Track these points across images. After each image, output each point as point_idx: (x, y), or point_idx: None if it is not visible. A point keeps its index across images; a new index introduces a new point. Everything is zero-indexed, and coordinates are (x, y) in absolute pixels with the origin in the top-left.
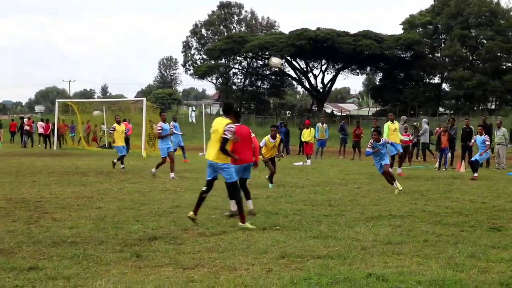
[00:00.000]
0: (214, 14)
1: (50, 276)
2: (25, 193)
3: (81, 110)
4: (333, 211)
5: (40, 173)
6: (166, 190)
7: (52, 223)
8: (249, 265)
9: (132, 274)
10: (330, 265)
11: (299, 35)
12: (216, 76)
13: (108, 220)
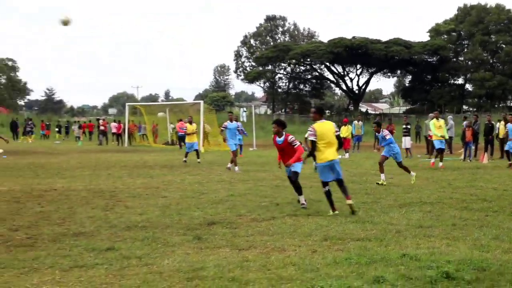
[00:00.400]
0: (262, 26)
1: (124, 256)
2: (101, 184)
3: (147, 112)
4: (369, 199)
5: (114, 167)
6: (222, 181)
7: (125, 210)
8: (296, 247)
9: (194, 254)
10: (368, 246)
11: (336, 43)
12: (264, 81)
13: (172, 208)
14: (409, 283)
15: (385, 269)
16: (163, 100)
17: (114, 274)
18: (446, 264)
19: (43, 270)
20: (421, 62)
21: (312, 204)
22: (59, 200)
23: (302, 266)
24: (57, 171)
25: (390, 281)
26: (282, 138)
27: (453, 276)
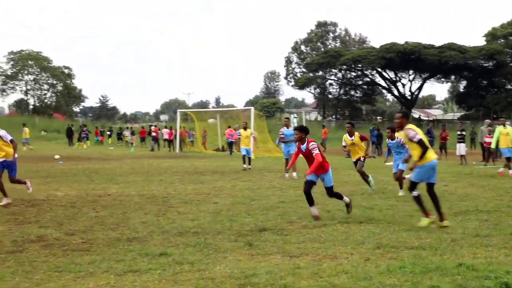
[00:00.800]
0: (312, 32)
1: (177, 261)
2: (154, 190)
3: (198, 118)
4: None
5: (166, 172)
6: (273, 187)
7: (177, 215)
8: (348, 254)
9: (246, 261)
10: (422, 255)
11: (388, 48)
12: (314, 87)
13: (223, 214)
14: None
15: (440, 278)
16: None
17: (167, 279)
18: (505, 274)
19: (98, 274)
20: (476, 67)
21: (364, 211)
22: (113, 205)
23: (355, 275)
24: (111, 176)
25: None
26: (305, 145)
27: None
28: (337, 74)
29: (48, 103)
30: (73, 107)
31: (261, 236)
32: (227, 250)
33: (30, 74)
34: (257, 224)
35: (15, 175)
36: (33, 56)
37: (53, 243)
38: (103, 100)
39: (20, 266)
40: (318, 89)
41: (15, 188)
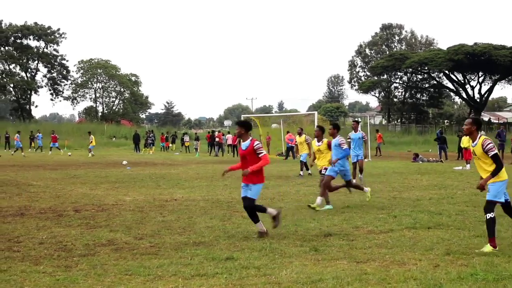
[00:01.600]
0: (377, 35)
1: (243, 266)
2: (219, 195)
3: (261, 123)
4: (496, 213)
5: (230, 177)
6: (337, 193)
7: (242, 220)
8: (417, 261)
9: (312, 266)
10: (495, 262)
11: (456, 50)
12: (379, 90)
13: (288, 218)
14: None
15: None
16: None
17: (234, 284)
18: None
19: (167, 278)
20: None
21: (433, 216)
22: (179, 210)
23: (424, 281)
24: (176, 181)
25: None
26: (247, 143)
27: None
28: (403, 77)
29: (116, 110)
30: (139, 113)
31: (327, 241)
32: (293, 255)
33: (99, 82)
34: (322, 229)
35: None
36: (101, 65)
37: (123, 246)
38: (169, 106)
39: (92, 269)
40: (382, 92)
41: (87, 194)
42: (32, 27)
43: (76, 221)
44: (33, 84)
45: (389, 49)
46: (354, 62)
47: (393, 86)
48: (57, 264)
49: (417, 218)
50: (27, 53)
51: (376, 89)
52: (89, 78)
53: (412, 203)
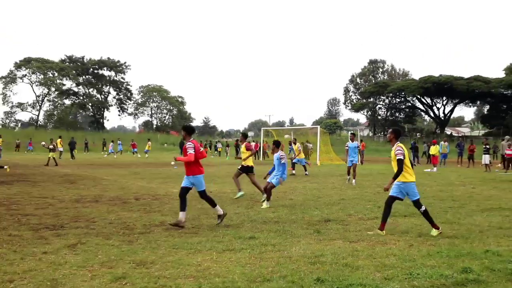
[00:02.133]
0: (365, 68)
1: (262, 243)
2: (244, 189)
3: (277, 134)
4: (455, 204)
5: None
6: (335, 188)
7: (261, 209)
8: (396, 241)
9: (315, 244)
10: (456, 243)
11: (426, 80)
12: (367, 110)
13: (297, 207)
14: (492, 274)
15: (471, 262)
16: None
17: (255, 257)
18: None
19: (204, 252)
20: (498, 94)
21: (408, 207)
22: None
23: (401, 257)
24: (212, 178)
25: (476, 272)
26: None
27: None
28: (385, 100)
29: (167, 123)
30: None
31: (327, 225)
32: (300, 235)
33: (154, 102)
34: (323, 216)
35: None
36: (156, 89)
37: (172, 227)
38: (206, 120)
39: (148, 244)
40: (369, 111)
41: (145, 186)
42: (106, 61)
43: (136, 207)
44: (106, 103)
45: (375, 78)
46: (348, 88)
47: (378, 107)
48: (122, 239)
49: (396, 208)
50: (102, 80)
51: (364, 109)
52: (147, 99)
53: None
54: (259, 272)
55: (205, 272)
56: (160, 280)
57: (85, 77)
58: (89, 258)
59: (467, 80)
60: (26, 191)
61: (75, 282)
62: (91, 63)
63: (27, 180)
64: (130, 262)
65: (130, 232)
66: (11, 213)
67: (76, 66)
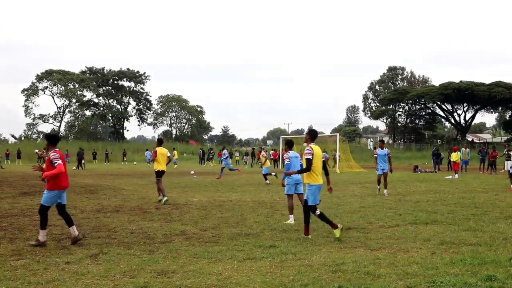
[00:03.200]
0: (385, 75)
1: (283, 252)
2: (263, 197)
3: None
4: (478, 211)
5: (272, 184)
6: (355, 196)
7: (282, 217)
8: (418, 249)
9: (336, 252)
10: (479, 250)
11: (446, 86)
12: (386, 117)
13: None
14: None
15: (495, 269)
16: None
17: (276, 266)
18: None
19: (225, 260)
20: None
21: (430, 215)
22: (234, 209)
23: (424, 265)
24: (231, 187)
25: (501, 280)
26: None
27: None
28: (405, 107)
29: (186, 133)
30: (203, 135)
31: (347, 233)
32: (321, 244)
33: (173, 112)
34: (344, 224)
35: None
36: (175, 99)
37: (192, 236)
38: (225, 130)
39: (169, 253)
40: (389, 119)
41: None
42: (126, 72)
43: (157, 216)
44: (126, 114)
45: (394, 85)
46: (367, 95)
47: (397, 114)
48: (143, 248)
49: (418, 216)
50: (122, 91)
51: (384, 116)
52: (166, 109)
53: (413, 204)
54: (280, 281)
55: (226, 281)
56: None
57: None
58: (111, 268)
59: (488, 86)
60: None
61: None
62: (111, 74)
63: None
64: (151, 272)
65: (151, 241)
66: (34, 224)
67: (97, 77)
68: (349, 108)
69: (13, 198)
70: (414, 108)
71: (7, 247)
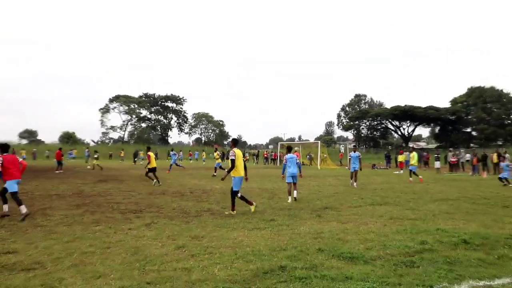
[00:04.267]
0: (352, 100)
1: (280, 224)
2: (267, 185)
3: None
4: (416, 196)
5: (271, 176)
6: (331, 185)
7: (279, 200)
8: (374, 222)
9: (317, 224)
10: (416, 223)
11: (395, 108)
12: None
13: (304, 199)
14: (441, 244)
15: (427, 236)
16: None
17: (275, 233)
18: (463, 234)
19: (239, 229)
20: (445, 119)
21: (383, 198)
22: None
23: (378, 233)
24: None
25: (430, 243)
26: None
27: (468, 241)
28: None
29: (211, 139)
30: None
31: (325, 211)
32: (306, 218)
33: (203, 124)
34: (322, 205)
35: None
36: (204, 115)
37: (215, 212)
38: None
39: (199, 224)
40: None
41: (197, 183)
42: (170, 96)
43: (191, 198)
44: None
45: (359, 107)
46: (339, 114)
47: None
48: (181, 220)
49: (374, 199)
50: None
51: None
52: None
53: (371, 191)
54: (278, 244)
55: (240, 244)
56: (208, 249)
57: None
58: (159, 233)
59: (424, 108)
60: (116, 186)
61: (151, 249)
62: (159, 98)
63: (117, 179)
64: (187, 236)
65: (186, 215)
66: (107, 201)
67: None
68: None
69: (93, 183)
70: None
71: (89, 217)
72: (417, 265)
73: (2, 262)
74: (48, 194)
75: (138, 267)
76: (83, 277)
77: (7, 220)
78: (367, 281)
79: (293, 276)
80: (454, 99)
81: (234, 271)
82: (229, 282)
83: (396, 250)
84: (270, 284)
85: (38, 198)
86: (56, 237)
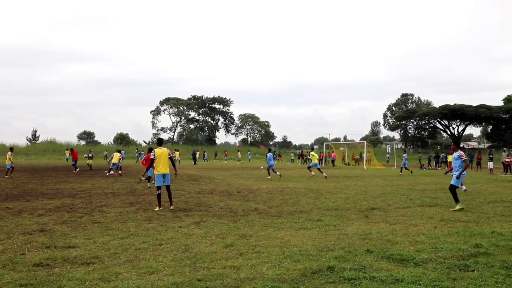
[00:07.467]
0: (399, 99)
1: (327, 224)
2: (312, 185)
3: (335, 147)
4: (468, 197)
5: (317, 176)
6: (377, 185)
7: (325, 199)
8: (424, 224)
9: (364, 225)
10: (469, 226)
11: (444, 107)
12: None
13: (350, 199)
14: (497, 248)
15: (481, 239)
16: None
17: (322, 234)
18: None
19: (286, 229)
20: (498, 117)
21: (432, 200)
22: (291, 193)
23: (428, 235)
24: (289, 178)
25: (485, 247)
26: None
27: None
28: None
29: (257, 140)
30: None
31: (372, 212)
32: (354, 219)
33: (249, 125)
34: (369, 205)
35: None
36: (250, 116)
37: (262, 212)
38: (284, 138)
39: (247, 223)
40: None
41: (243, 183)
42: (217, 98)
43: (238, 197)
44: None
45: (406, 107)
46: (386, 114)
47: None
48: (229, 219)
49: (424, 200)
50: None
51: (398, 129)
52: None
53: (420, 192)
54: (325, 244)
55: (287, 243)
56: (256, 248)
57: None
58: (208, 231)
59: (474, 107)
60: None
61: (200, 247)
62: (207, 100)
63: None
64: (235, 235)
65: (234, 214)
66: None
67: (198, 102)
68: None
69: (144, 183)
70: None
71: (142, 215)
72: (472, 269)
73: (65, 255)
74: (104, 192)
75: (189, 264)
76: (137, 272)
77: (68, 216)
78: (419, 284)
79: (341, 277)
80: (507, 97)
81: (282, 270)
82: (277, 281)
83: (448, 253)
84: (319, 284)
85: (95, 196)
86: (112, 233)
